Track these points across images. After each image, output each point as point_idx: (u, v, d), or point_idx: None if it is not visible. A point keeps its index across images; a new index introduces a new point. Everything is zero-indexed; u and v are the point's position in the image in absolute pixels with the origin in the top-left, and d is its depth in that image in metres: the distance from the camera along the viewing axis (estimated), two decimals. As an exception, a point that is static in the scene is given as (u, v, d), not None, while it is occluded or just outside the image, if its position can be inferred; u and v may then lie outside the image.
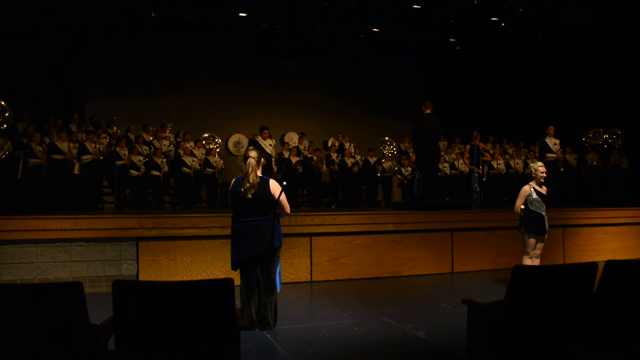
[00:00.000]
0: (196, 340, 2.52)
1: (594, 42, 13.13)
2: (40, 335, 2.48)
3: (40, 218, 6.71)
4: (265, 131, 11.38)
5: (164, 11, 12.93)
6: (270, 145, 11.35)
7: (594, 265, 3.04)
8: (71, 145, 10.57)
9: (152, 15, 12.83)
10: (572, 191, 12.75)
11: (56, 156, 10.31)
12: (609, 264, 3.08)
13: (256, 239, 4.82)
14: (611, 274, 3.09)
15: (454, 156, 13.73)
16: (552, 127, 11.35)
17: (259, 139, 11.29)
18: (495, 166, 13.06)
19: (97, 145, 11.01)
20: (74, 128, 11.86)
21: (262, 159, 5.07)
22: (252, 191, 4.76)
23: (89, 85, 14.59)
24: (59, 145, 10.37)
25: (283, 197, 4.90)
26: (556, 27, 13.44)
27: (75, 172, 10.76)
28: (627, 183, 12.44)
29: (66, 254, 6.69)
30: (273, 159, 11.58)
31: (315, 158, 13.10)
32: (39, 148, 10.30)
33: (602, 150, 12.67)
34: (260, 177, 4.88)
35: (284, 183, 4.91)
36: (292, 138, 15.00)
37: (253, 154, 4.91)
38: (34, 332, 2.48)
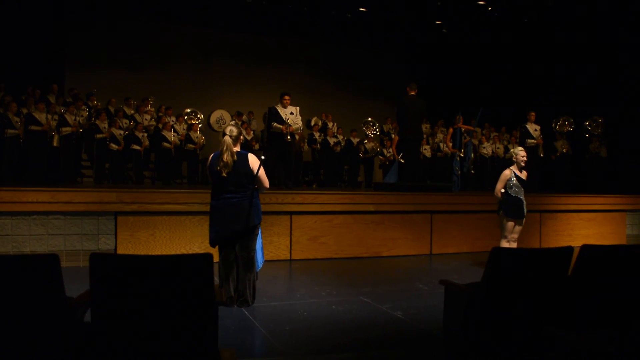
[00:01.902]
0: (173, 315, 2.51)
1: (577, 29, 13.19)
2: (14, 307, 2.45)
3: (16, 190, 6.59)
4: (286, 97, 9.29)
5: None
6: (291, 113, 9.27)
7: (569, 249, 3.08)
8: (49, 116, 10.39)
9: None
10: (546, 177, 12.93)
11: (33, 127, 10.13)
12: (584, 248, 3.13)
13: (235, 216, 4.79)
14: (586, 258, 3.13)
15: (437, 139, 13.78)
16: (533, 114, 11.44)
17: (279, 107, 9.29)
18: (480, 149, 13.18)
19: (77, 118, 10.84)
20: (52, 99, 11.65)
21: (242, 137, 5.02)
22: (227, 170, 4.71)
23: (69, 56, 14.30)
24: (37, 116, 10.19)
25: (262, 172, 4.87)
26: (542, 13, 13.49)
27: (55, 144, 10.60)
28: (605, 171, 12.62)
29: (43, 227, 6.60)
30: (294, 133, 9.53)
31: (297, 137, 13.04)
32: (16, 119, 10.11)
33: (570, 137, 12.80)
34: (238, 152, 4.83)
35: (262, 157, 4.89)
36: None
37: (229, 130, 4.84)
38: (8, 304, 2.45)
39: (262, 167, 4.86)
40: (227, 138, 4.76)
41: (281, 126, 9.16)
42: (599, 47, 12.85)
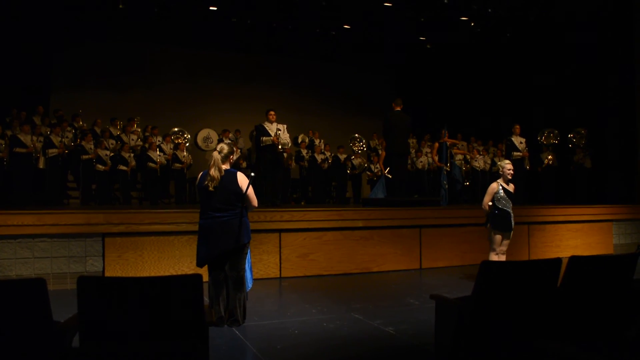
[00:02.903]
0: (164, 337, 2.49)
1: (559, 43, 13.41)
2: (0, 333, 2.42)
3: (1, 213, 6.51)
4: (271, 112, 9.30)
5: (132, 3, 12.71)
6: (278, 130, 9.21)
7: (557, 261, 3.11)
8: (35, 138, 10.31)
9: (120, 6, 12.60)
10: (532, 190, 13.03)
11: (18, 149, 10.05)
12: (572, 259, 3.15)
13: (224, 234, 4.77)
14: (574, 269, 3.16)
15: (423, 153, 13.86)
16: (518, 126, 11.56)
17: (266, 123, 9.31)
18: (470, 161, 13.27)
19: (63, 139, 10.78)
20: (37, 121, 11.57)
21: (232, 156, 5.02)
22: (214, 183, 4.73)
23: (54, 77, 14.24)
24: (22, 138, 10.11)
25: (250, 190, 4.88)
26: (524, 28, 13.69)
27: (41, 166, 10.52)
28: (590, 182, 12.74)
29: (29, 250, 6.52)
30: (283, 147, 9.51)
31: (285, 154, 13.06)
32: (1, 141, 10.02)
33: (556, 149, 12.94)
34: (226, 170, 4.85)
35: (252, 174, 4.89)
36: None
37: (220, 147, 4.91)
38: (-5, 329, 2.41)
39: (250, 186, 4.87)
40: (215, 153, 4.82)
41: (271, 137, 9.14)
42: (581, 59, 13.04)
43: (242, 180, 4.85)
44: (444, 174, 11.20)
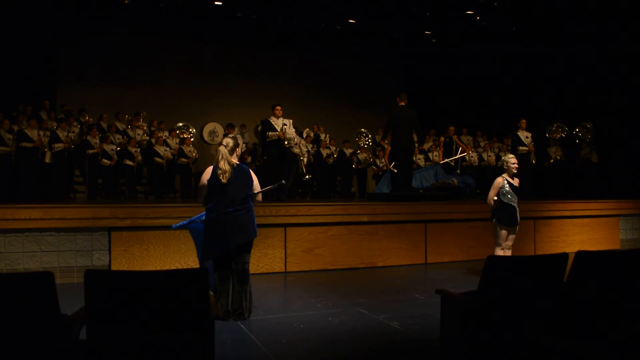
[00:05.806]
0: (170, 331, 2.50)
1: (566, 37, 13.33)
2: (9, 326, 2.43)
3: (9, 207, 6.55)
4: (278, 107, 9.15)
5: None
6: (284, 124, 9.05)
7: (564, 256, 3.09)
8: (41, 133, 10.35)
9: (126, 1, 12.60)
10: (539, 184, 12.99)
11: (25, 144, 10.09)
12: (579, 255, 3.14)
13: (239, 229, 4.79)
14: (581, 264, 3.14)
15: (427, 147, 13.82)
16: (524, 121, 11.50)
17: (272, 118, 9.12)
18: (468, 159, 13.21)
19: (69, 134, 10.81)
20: (44, 116, 11.62)
21: (238, 149, 5.02)
22: (227, 176, 4.75)
23: (60, 72, 14.28)
24: (29, 133, 10.15)
25: (260, 189, 4.98)
26: (530, 22, 13.62)
27: (47, 160, 10.56)
28: (597, 176, 12.69)
29: (36, 244, 6.56)
30: (290, 142, 9.29)
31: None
32: (9, 136, 10.06)
33: (564, 143, 12.88)
34: (239, 165, 4.91)
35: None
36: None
37: (225, 141, 4.94)
38: (2, 323, 2.43)
39: (257, 180, 4.96)
40: (222, 148, 4.86)
41: (277, 132, 9.11)
42: (587, 52, 12.96)
43: (254, 175, 4.98)
44: (439, 167, 11.19)
